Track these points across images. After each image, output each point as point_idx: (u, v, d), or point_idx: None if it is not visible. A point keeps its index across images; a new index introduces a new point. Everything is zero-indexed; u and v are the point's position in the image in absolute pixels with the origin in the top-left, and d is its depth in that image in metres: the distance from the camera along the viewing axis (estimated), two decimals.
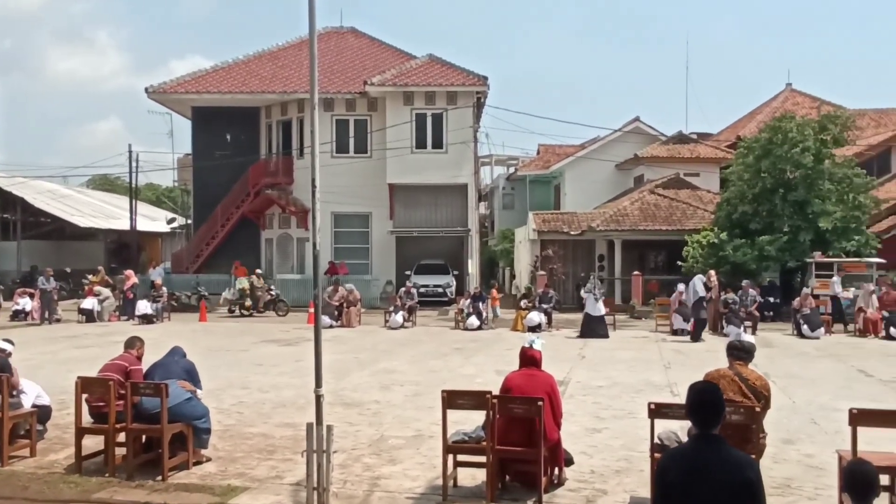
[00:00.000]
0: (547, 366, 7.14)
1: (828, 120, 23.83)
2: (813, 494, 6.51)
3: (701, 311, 17.87)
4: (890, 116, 34.93)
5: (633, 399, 10.44)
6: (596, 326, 18.57)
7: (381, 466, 7.27)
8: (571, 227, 28.33)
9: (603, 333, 18.48)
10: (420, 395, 10.90)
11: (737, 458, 3.48)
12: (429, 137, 29.12)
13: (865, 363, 14.20)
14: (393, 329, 20.51)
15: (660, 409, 6.12)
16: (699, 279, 18.52)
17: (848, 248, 22.26)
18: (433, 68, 29.89)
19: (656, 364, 14.16)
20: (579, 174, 34.94)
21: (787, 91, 37.88)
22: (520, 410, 6.23)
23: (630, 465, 7.31)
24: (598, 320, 18.67)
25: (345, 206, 28.83)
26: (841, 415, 6.27)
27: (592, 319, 18.67)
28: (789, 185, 22.80)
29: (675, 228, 26.35)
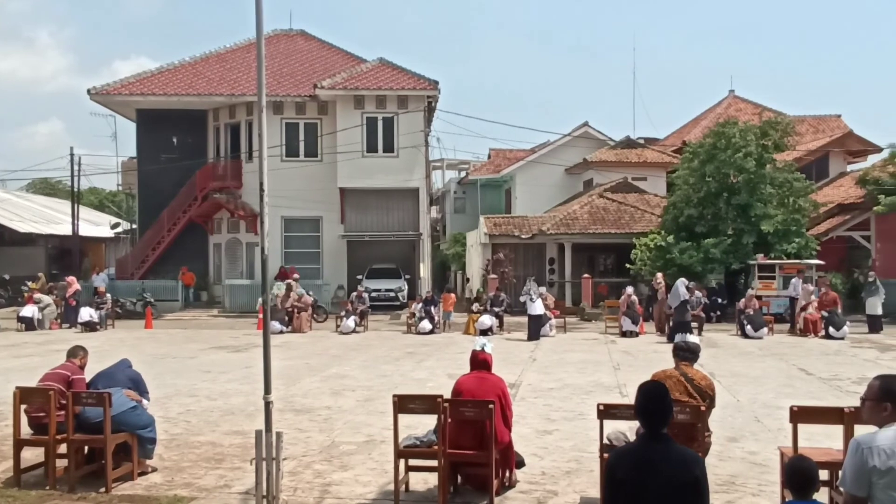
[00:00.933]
0: (498, 369, 7.18)
1: (769, 126, 24.52)
2: (756, 490, 6.67)
3: (685, 313, 18.13)
4: (827, 123, 36.10)
5: (583, 400, 10.55)
6: (534, 326, 18.84)
7: (332, 473, 7.20)
8: (522, 230, 28.54)
9: (537, 334, 18.73)
10: (371, 400, 10.84)
11: (683, 455, 3.55)
12: (380, 141, 29.05)
13: (806, 362, 14.63)
14: (344, 334, 20.37)
15: (609, 410, 6.20)
16: (682, 282, 18.78)
17: (789, 250, 22.91)
18: (384, 72, 29.83)
19: (606, 365, 14.35)
20: (530, 178, 35.23)
21: (731, 97, 38.83)
22: (471, 414, 6.25)
23: (580, 465, 7.39)
24: (535, 320, 18.91)
25: (295, 211, 28.55)
26: (783, 412, 6.45)
27: (532, 319, 18.94)
28: (733, 189, 23.37)
29: (624, 232, 26.77)
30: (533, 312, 19.05)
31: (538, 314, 19.07)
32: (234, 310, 26.66)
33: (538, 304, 19.16)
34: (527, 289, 19.98)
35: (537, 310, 19.09)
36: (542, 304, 19.30)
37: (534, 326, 18.96)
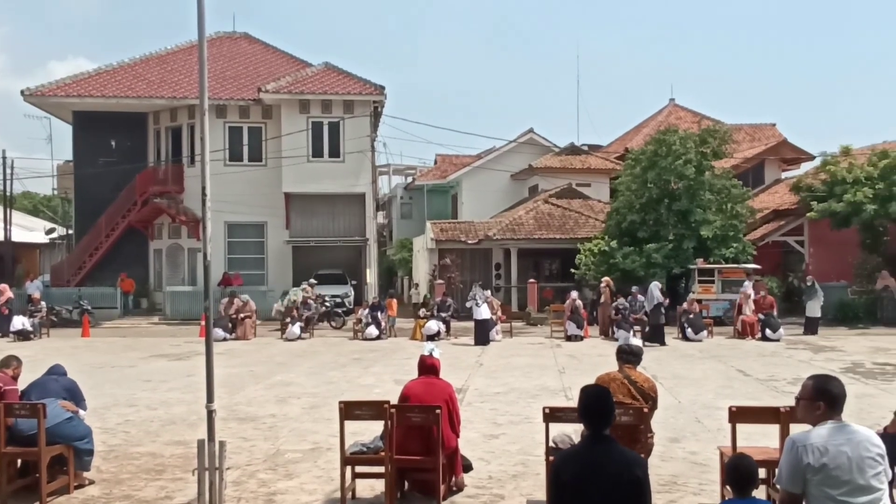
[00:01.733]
0: (445, 374, 7.19)
1: (708, 134, 25.19)
2: (697, 490, 6.82)
3: (660, 316, 18.55)
4: (763, 131, 37.25)
5: (529, 404, 10.64)
6: (481, 331, 18.94)
7: (277, 481, 7.10)
8: (469, 236, 28.66)
9: (485, 339, 18.84)
10: (317, 407, 10.73)
11: (626, 457, 3.62)
12: (325, 146, 28.82)
13: (744, 363, 15.04)
14: (290, 341, 20.12)
15: (554, 413, 6.26)
16: (655, 286, 19.32)
17: (727, 254, 23.55)
18: (329, 76, 29.64)
19: (551, 369, 14.50)
20: (476, 184, 35.41)
21: (671, 106, 39.74)
22: (418, 419, 6.24)
23: (527, 468, 7.44)
24: (482, 324, 19.03)
25: (239, 216, 28.09)
26: (722, 413, 6.61)
27: (478, 324, 19.04)
28: (674, 196, 23.91)
29: (569, 237, 27.11)
30: (479, 317, 19.16)
31: (484, 319, 19.18)
32: (175, 317, 26.08)
33: (484, 309, 19.28)
34: (473, 294, 20.11)
35: (483, 315, 19.20)
36: (488, 309, 19.42)
37: (480, 331, 19.05)
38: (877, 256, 24.09)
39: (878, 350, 16.91)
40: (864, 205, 22.32)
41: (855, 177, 23.11)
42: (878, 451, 3.57)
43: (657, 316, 18.58)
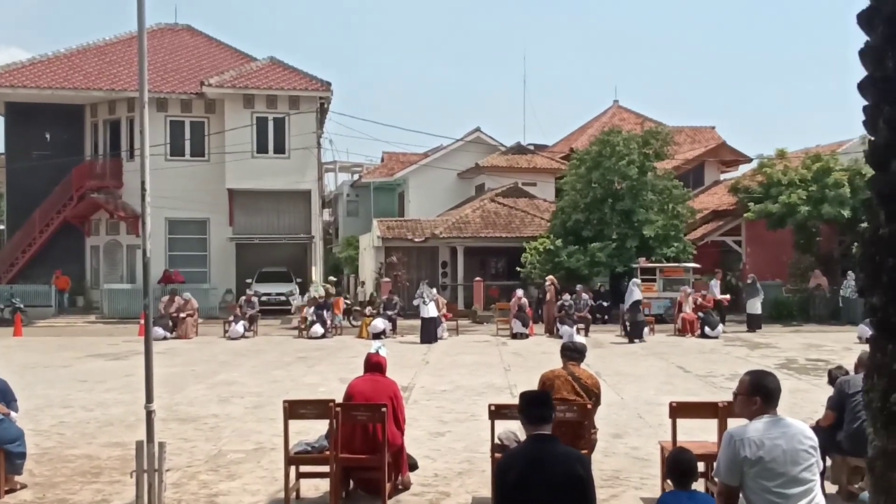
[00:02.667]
0: (392, 372, 7.17)
1: (650, 135, 25.71)
2: (639, 484, 6.95)
3: (637, 313, 18.92)
4: (703, 134, 38.17)
5: (475, 402, 10.69)
6: (427, 329, 18.98)
7: (218, 483, 6.97)
8: (415, 234, 28.63)
9: (432, 337, 18.87)
10: (261, 406, 10.57)
11: (568, 454, 3.68)
12: (270, 142, 28.42)
13: (684, 360, 15.40)
14: (233, 339, 19.78)
15: (499, 411, 6.30)
16: (635, 283, 19.72)
17: (668, 254, 24.06)
18: (275, 71, 29.23)
19: (497, 367, 14.60)
20: (423, 182, 35.40)
21: (615, 107, 40.39)
22: (363, 417, 6.20)
23: (472, 466, 7.47)
24: (428, 323, 19.07)
25: (180, 212, 27.49)
26: (663, 408, 6.75)
27: (425, 323, 19.08)
28: (617, 196, 24.31)
29: (514, 236, 27.31)
30: (426, 315, 19.16)
31: (431, 317, 19.19)
32: (113, 316, 25.37)
33: (431, 307, 19.29)
34: (420, 292, 20.10)
35: (430, 313, 19.21)
36: (434, 308, 19.44)
37: (427, 329, 19.06)
38: (810, 256, 24.91)
39: (811, 346, 17.50)
40: (798, 206, 23.06)
41: (789, 179, 23.85)
42: (811, 443, 3.69)
43: (635, 313, 19.01)
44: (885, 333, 3.52)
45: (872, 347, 3.65)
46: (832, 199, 22.86)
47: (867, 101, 3.50)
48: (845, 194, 22.74)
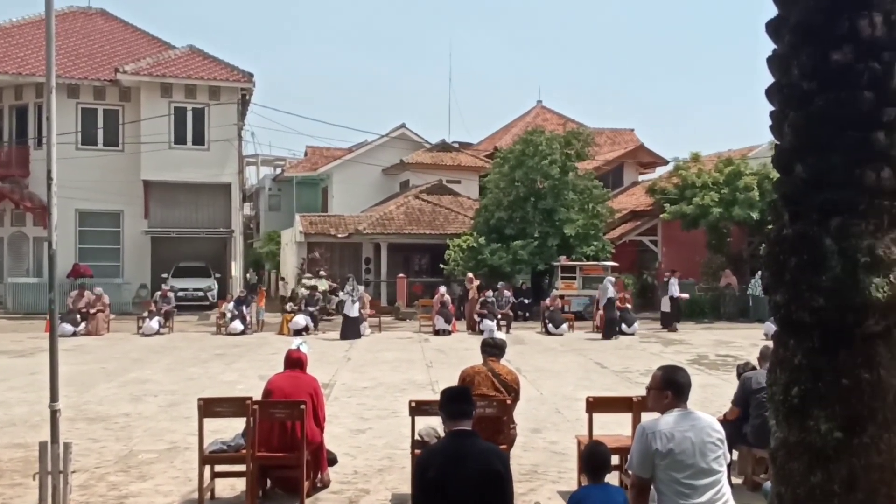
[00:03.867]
0: (313, 368, 7.07)
1: (572, 136, 26.18)
2: (557, 478, 7.07)
3: (613, 310, 19.39)
4: (623, 136, 39.18)
5: (396, 398, 10.66)
6: (351, 327, 18.82)
7: (129, 484, 6.73)
8: (339, 229, 28.36)
9: (356, 334, 18.76)
10: (176, 405, 10.27)
11: (487, 450, 3.71)
12: (189, 133, 27.58)
13: (601, 356, 15.77)
14: (147, 336, 19.13)
15: (420, 407, 6.30)
16: (609, 281, 20.10)
17: (588, 252, 24.60)
18: (194, 60, 28.38)
19: (419, 363, 14.61)
20: (347, 177, 35.08)
21: (538, 107, 40.99)
22: (281, 415, 6.09)
23: (392, 462, 7.45)
24: (353, 321, 18.91)
25: (92, 203, 26.39)
26: (581, 403, 6.88)
27: (349, 321, 18.89)
28: (539, 195, 24.69)
29: (438, 233, 27.39)
30: (350, 314, 18.93)
31: (355, 316, 18.99)
32: (18, 311, 24.16)
33: (355, 307, 19.09)
34: (349, 288, 19.86)
35: (354, 311, 19.00)
36: (357, 307, 19.25)
37: (349, 326, 18.86)
38: (721, 256, 25.90)
39: (721, 343, 18.20)
40: (710, 208, 23.93)
41: (703, 182, 24.73)
42: (719, 436, 3.82)
43: (611, 310, 19.49)
44: (788, 330, 3.68)
45: (776, 343, 3.81)
46: (742, 201, 23.81)
47: (774, 107, 3.66)
48: (754, 197, 23.72)
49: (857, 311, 3.36)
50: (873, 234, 3.37)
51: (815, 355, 3.50)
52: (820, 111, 3.37)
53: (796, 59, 3.43)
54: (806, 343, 3.53)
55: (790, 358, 3.63)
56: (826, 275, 3.35)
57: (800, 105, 3.46)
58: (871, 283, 3.32)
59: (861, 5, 3.30)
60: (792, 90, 3.49)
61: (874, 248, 3.35)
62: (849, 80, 3.32)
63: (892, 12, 3.33)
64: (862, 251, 3.33)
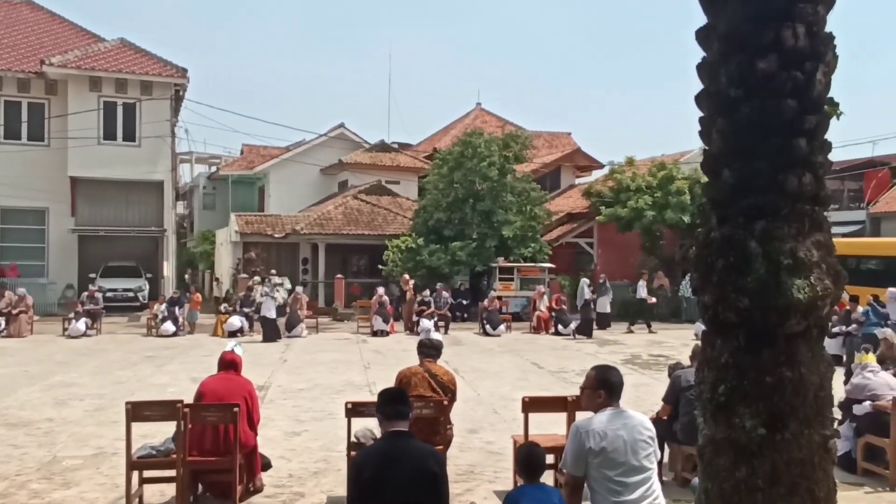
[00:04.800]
0: (249, 370, 6.95)
1: (510, 139, 26.41)
2: (493, 478, 7.12)
3: (589, 311, 20.06)
4: (560, 139, 39.74)
5: (333, 400, 10.57)
6: (271, 329, 18.51)
7: (52, 491, 6.48)
8: (275, 229, 27.97)
9: (277, 336, 18.46)
10: (103, 409, 9.95)
11: (423, 451, 3.71)
12: (119, 129, 26.75)
13: (538, 356, 15.95)
14: (73, 338, 18.47)
15: (357, 408, 6.25)
16: (585, 282, 20.69)
17: (525, 254, 24.87)
18: (125, 54, 27.55)
19: (356, 365, 14.52)
20: (284, 176, 34.60)
21: (477, 110, 41.23)
22: (214, 418, 5.96)
23: (329, 465, 7.38)
24: (272, 322, 18.60)
25: (15, 200, 25.36)
26: (518, 404, 6.94)
27: (268, 322, 18.56)
28: (478, 196, 24.84)
29: (377, 233, 27.28)
30: (268, 315, 18.56)
31: (272, 318, 18.66)
32: None
33: (272, 307, 18.71)
34: (268, 288, 19.45)
35: (271, 313, 18.66)
36: (275, 308, 18.83)
37: (269, 328, 18.45)
38: (654, 258, 26.52)
39: (654, 343, 18.64)
40: (644, 211, 24.48)
41: (637, 185, 25.28)
42: (649, 434, 3.91)
43: (587, 311, 20.01)
44: (715, 329, 3.79)
45: (703, 343, 3.92)
46: (674, 205, 24.43)
47: (703, 113, 3.76)
48: (686, 201, 24.37)
49: (779, 312, 3.48)
50: (795, 237, 3.49)
51: (740, 354, 3.61)
52: (746, 118, 3.48)
53: (724, 67, 3.54)
54: (732, 342, 3.64)
55: (717, 357, 3.73)
56: (751, 276, 3.46)
57: (727, 112, 3.56)
58: (793, 284, 3.44)
59: (785, 16, 3.42)
60: (720, 97, 3.60)
61: (796, 250, 3.48)
62: (773, 89, 3.43)
63: (814, 24, 3.46)
64: (784, 254, 3.46)
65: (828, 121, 3.60)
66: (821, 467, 3.63)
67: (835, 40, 3.55)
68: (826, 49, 3.51)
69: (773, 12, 3.42)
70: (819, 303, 3.50)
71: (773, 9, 3.42)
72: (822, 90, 3.53)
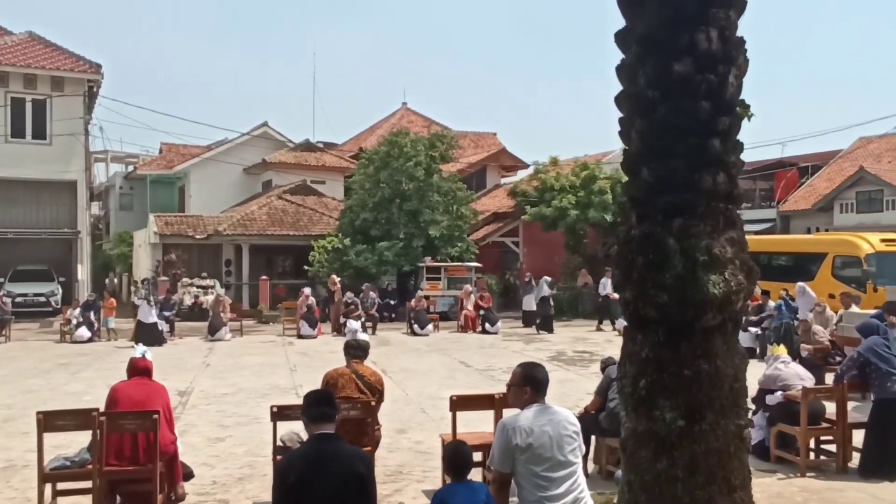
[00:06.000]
0: (169, 375, 6.77)
1: (436, 138, 26.48)
2: (421, 477, 7.12)
3: (548, 308, 20.73)
4: (486, 139, 40.08)
5: (258, 404, 10.37)
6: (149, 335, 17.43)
7: None
8: (197, 230, 27.27)
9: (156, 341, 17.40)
10: (12, 420, 9.49)
11: (350, 453, 3.68)
12: (28, 126, 25.55)
13: (465, 355, 16.05)
14: None
15: (282, 412, 6.16)
16: (545, 280, 21.17)
17: (452, 253, 24.98)
18: (34, 48, 26.34)
19: (282, 367, 14.29)
20: (206, 176, 33.73)
21: (403, 109, 41.16)
22: (132, 426, 5.76)
23: (254, 470, 7.24)
24: (151, 328, 17.87)
25: None
26: (446, 402, 6.97)
27: (144, 327, 17.75)
28: (405, 196, 24.81)
29: (302, 234, 26.93)
30: (144, 319, 17.86)
31: (153, 322, 17.99)
32: None
33: (151, 311, 18.00)
34: (144, 292, 18.62)
35: (149, 318, 17.92)
36: (153, 312, 18.09)
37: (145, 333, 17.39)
38: (578, 256, 27.04)
39: (579, 340, 19.01)
40: (568, 210, 24.93)
41: (561, 185, 25.72)
42: (574, 429, 3.98)
43: (546, 308, 20.62)
44: (636, 325, 3.90)
45: (625, 338, 4.02)
46: (597, 204, 24.97)
47: (622, 114, 3.86)
48: (608, 200, 24.94)
49: (696, 307, 3.61)
50: (710, 234, 3.63)
51: (660, 349, 3.73)
52: (663, 119, 3.59)
53: (642, 69, 3.64)
54: (652, 337, 3.75)
55: (638, 352, 3.84)
56: (669, 273, 3.58)
57: (645, 113, 3.67)
58: (708, 280, 3.57)
59: (699, 21, 3.54)
60: (638, 98, 3.70)
61: (711, 247, 3.61)
62: (689, 91, 3.55)
63: (726, 28, 3.60)
64: (701, 250, 3.58)
65: (740, 122, 3.75)
66: (736, 456, 3.78)
67: (745, 44, 3.70)
68: (738, 53, 3.65)
69: (688, 16, 3.54)
70: (733, 297, 3.65)
71: (687, 13, 3.54)
72: (734, 92, 3.67)
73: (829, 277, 19.00)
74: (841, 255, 19.20)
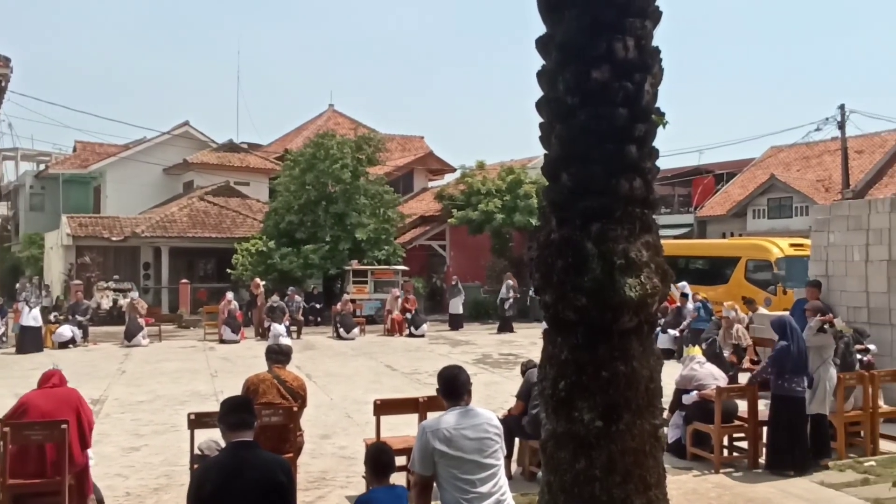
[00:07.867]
0: (84, 383, 6.51)
1: (363, 141, 26.35)
2: (345, 483, 7.04)
3: (507, 309, 21.70)
4: (413, 143, 40.10)
5: (176, 411, 10.07)
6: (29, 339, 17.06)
7: None
8: (113, 232, 26.35)
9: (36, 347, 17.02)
10: None
11: (268, 461, 3.60)
12: None
13: (392, 359, 15.99)
14: None
15: (200, 419, 6.00)
16: (508, 283, 22.08)
17: (379, 256, 24.88)
18: None
19: (203, 373, 13.93)
20: (123, 176, 32.61)
21: (330, 111, 40.80)
22: (39, 437, 5.49)
23: (171, 480, 7.03)
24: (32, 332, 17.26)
25: None
26: (370, 407, 6.91)
27: (26, 331, 17.15)
28: (331, 198, 24.57)
29: (225, 236, 26.35)
30: (28, 324, 17.17)
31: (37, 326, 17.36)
32: None
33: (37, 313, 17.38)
34: (26, 294, 18.06)
35: (33, 321, 17.27)
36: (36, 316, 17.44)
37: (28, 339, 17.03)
38: (504, 260, 27.33)
39: (504, 343, 19.19)
40: (494, 214, 25.18)
41: (487, 189, 25.96)
42: (496, 431, 4.00)
43: (510, 308, 21.76)
44: (556, 327, 3.96)
45: (545, 341, 4.07)
46: (523, 208, 25.31)
47: (543, 119, 3.91)
48: (533, 205, 25.30)
49: (614, 309, 3.69)
50: (627, 238, 3.71)
51: (578, 351, 3.79)
52: (582, 124, 3.66)
53: (562, 76, 3.70)
54: (571, 339, 3.82)
55: (558, 354, 3.90)
56: (588, 276, 3.64)
57: (565, 118, 3.73)
58: (625, 283, 3.65)
59: (617, 29, 3.62)
60: (558, 104, 3.76)
61: (628, 251, 3.69)
62: (607, 97, 3.63)
63: (643, 37, 3.69)
64: (618, 254, 3.66)
65: (655, 129, 3.85)
66: (652, 455, 3.88)
67: (661, 54, 3.81)
68: (653, 61, 3.76)
69: (606, 25, 3.62)
70: (649, 300, 3.74)
71: (605, 21, 3.62)
72: (650, 100, 3.77)
73: (742, 281, 19.78)
74: (753, 259, 20.00)
